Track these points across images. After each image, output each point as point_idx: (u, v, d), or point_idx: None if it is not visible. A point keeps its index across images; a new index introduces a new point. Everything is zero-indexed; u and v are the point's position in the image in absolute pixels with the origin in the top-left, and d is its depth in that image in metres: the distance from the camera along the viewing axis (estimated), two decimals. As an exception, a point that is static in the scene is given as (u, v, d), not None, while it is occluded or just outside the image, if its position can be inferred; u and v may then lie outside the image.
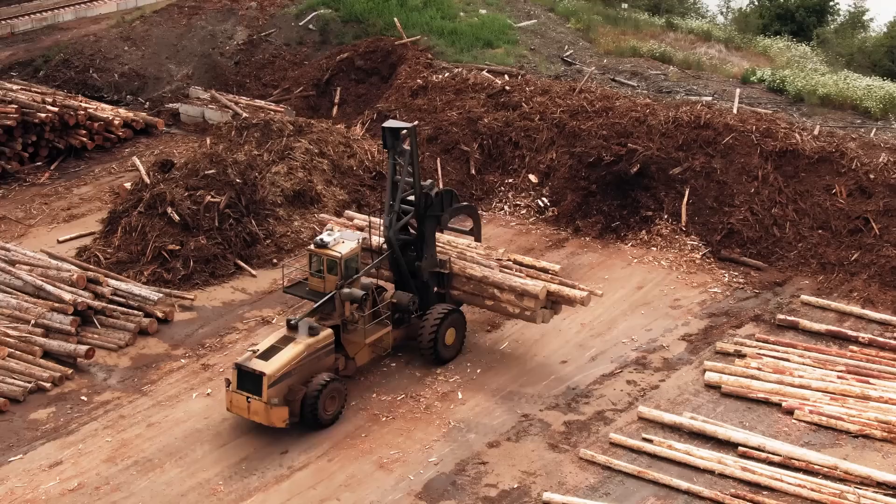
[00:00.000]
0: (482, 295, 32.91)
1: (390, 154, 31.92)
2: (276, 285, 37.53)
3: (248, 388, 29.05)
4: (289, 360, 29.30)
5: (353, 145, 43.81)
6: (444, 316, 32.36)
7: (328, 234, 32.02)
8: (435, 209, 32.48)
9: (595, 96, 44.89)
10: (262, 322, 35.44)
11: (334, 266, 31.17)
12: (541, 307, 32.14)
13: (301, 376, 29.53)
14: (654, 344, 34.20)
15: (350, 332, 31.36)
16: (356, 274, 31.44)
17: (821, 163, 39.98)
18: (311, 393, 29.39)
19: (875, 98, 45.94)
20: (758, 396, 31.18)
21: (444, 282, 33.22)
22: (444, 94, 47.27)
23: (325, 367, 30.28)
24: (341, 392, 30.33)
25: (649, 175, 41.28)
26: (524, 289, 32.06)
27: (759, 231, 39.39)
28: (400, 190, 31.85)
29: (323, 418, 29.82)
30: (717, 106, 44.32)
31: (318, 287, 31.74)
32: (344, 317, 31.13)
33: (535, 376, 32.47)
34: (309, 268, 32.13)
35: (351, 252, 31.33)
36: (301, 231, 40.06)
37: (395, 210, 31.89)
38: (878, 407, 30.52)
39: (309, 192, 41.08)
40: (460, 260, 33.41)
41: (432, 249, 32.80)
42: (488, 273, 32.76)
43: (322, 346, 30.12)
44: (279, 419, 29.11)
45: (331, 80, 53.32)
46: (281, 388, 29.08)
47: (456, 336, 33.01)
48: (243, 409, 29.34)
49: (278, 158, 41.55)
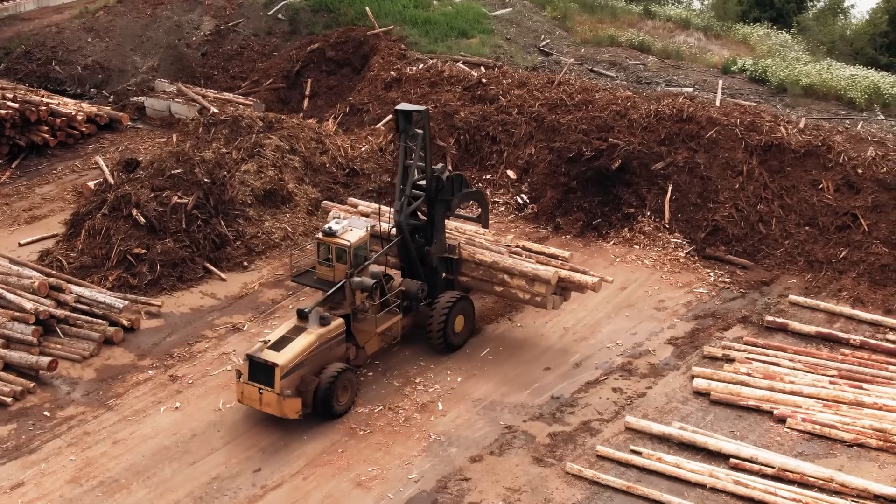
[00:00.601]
0: (492, 281, 32.60)
1: (402, 138, 31.54)
2: (247, 289, 36.22)
3: (260, 380, 28.54)
4: (301, 351, 28.85)
5: (326, 141, 42.42)
6: (452, 303, 31.95)
7: (336, 222, 31.46)
8: (445, 193, 32.10)
9: (574, 89, 43.63)
10: (233, 329, 34.07)
11: (343, 255, 30.70)
12: (551, 293, 31.81)
13: (313, 367, 29.16)
14: (639, 348, 33.07)
15: (360, 321, 30.90)
16: (365, 262, 31.02)
17: (807, 157, 38.90)
18: (324, 383, 28.99)
19: (859, 88, 44.96)
20: (748, 404, 30.11)
21: (453, 267, 32.87)
22: (419, 86, 45.90)
23: (336, 356, 29.89)
24: (353, 382, 30.02)
25: (631, 171, 40.10)
26: (535, 274, 31.73)
27: (744, 228, 38.32)
28: (412, 174, 31.46)
29: (336, 409, 29.44)
30: (699, 98, 43.19)
31: (327, 276, 31.28)
32: (354, 306, 30.67)
33: (517, 384, 31.27)
34: (317, 256, 31.64)
35: (360, 240, 30.92)
36: (272, 232, 38.70)
37: (406, 194, 31.44)
38: (873, 414, 29.52)
39: (280, 191, 39.69)
40: (469, 245, 33.10)
41: (442, 234, 32.55)
42: (498, 258, 32.50)
43: (333, 335, 29.77)
44: (292, 410, 28.66)
45: (301, 71, 51.88)
46: (293, 378, 28.66)
47: (465, 323, 32.62)
48: (255, 400, 28.81)
49: (248, 156, 40.11)
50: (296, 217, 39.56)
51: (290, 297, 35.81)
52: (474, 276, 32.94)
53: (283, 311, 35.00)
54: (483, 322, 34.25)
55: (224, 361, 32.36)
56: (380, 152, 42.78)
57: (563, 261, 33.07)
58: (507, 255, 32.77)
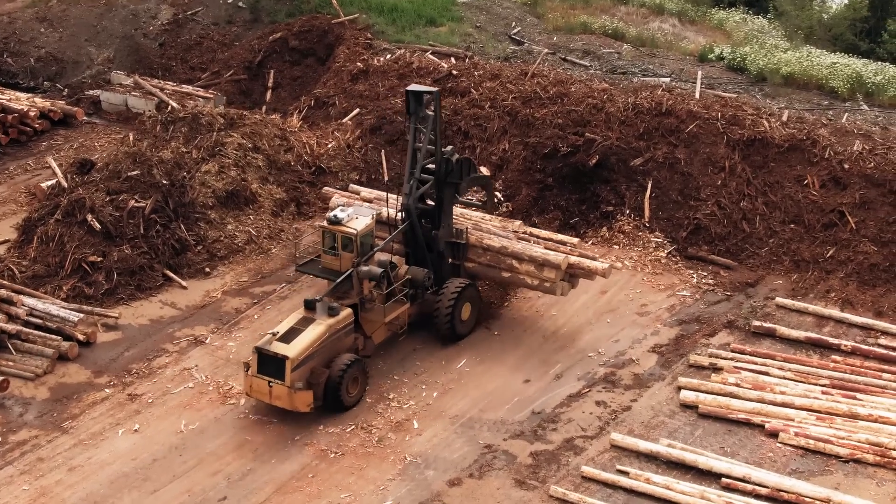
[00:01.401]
0: (499, 266, 32.15)
1: (411, 119, 31.24)
2: (210, 298, 34.46)
3: (270, 373, 27.91)
4: (311, 342, 28.25)
5: (290, 138, 40.55)
6: (460, 291, 31.35)
7: (341, 209, 30.81)
8: (454, 176, 31.56)
9: (548, 81, 41.95)
10: (195, 342, 32.28)
11: (349, 243, 30.16)
12: (560, 279, 31.42)
13: (323, 358, 28.59)
14: (622, 357, 31.61)
15: (368, 310, 30.33)
16: (371, 251, 30.55)
17: (791, 152, 37.50)
18: (334, 375, 28.42)
19: (841, 77, 43.72)
20: (738, 417, 28.76)
21: (460, 253, 32.34)
22: (387, 78, 44.11)
23: (345, 347, 29.34)
24: (364, 373, 29.51)
25: (609, 167, 38.60)
26: (545, 259, 31.37)
27: (727, 226, 36.93)
28: (421, 157, 31.04)
29: (346, 401, 28.88)
30: (677, 90, 41.67)
31: (333, 265, 30.71)
32: (362, 295, 30.05)
33: (496, 399, 29.74)
34: (322, 245, 31.06)
35: (366, 228, 30.42)
36: (235, 235, 36.91)
37: (415, 177, 30.98)
38: (868, 427, 28.24)
39: (243, 192, 37.84)
40: (476, 231, 32.60)
41: (449, 218, 32.08)
42: (507, 243, 32.07)
43: (342, 326, 29.20)
44: (303, 404, 28.08)
45: (263, 62, 50.04)
46: (303, 371, 28.09)
47: (471, 311, 32.01)
48: (264, 394, 28.17)
49: (208, 155, 38.18)
50: (260, 219, 37.79)
51: (254, 305, 34.11)
52: (481, 262, 32.42)
53: (248, 321, 33.30)
54: (458, 330, 32.75)
55: (185, 378, 30.62)
56: (347, 149, 41.00)
57: (572, 247, 32.71)
58: (515, 241, 32.23)
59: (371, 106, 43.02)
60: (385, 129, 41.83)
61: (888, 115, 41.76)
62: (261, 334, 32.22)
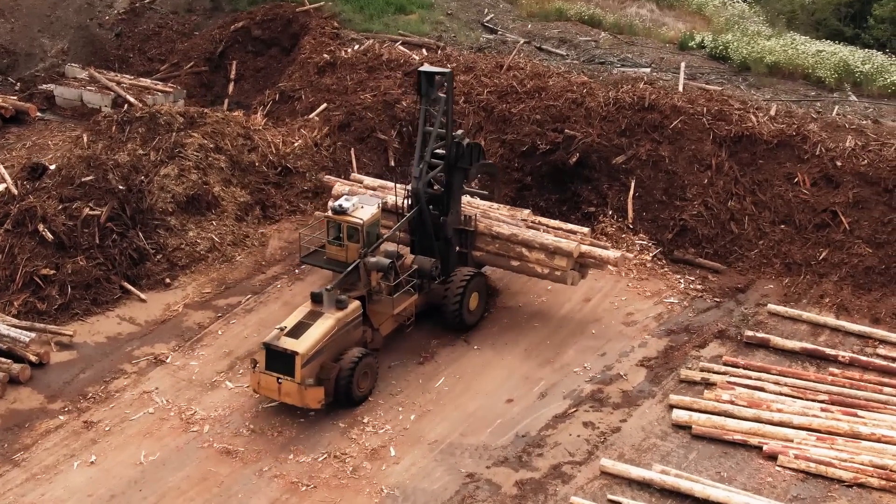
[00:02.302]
0: (508, 255, 31.57)
1: (423, 101, 30.31)
2: (170, 312, 32.45)
3: (279, 369, 27.16)
4: (320, 337, 27.46)
5: (254, 137, 38.42)
6: (468, 280, 30.65)
7: (346, 198, 29.93)
8: (464, 161, 30.74)
9: (525, 74, 40.02)
10: (155, 362, 30.27)
11: (355, 233, 29.38)
12: (571, 268, 30.86)
13: (332, 353, 27.86)
14: (609, 373, 29.91)
15: (376, 302, 29.56)
16: (378, 241, 29.71)
17: (780, 148, 35.82)
18: (344, 370, 27.66)
19: (828, 66, 42.13)
20: (734, 438, 27.13)
21: (468, 241, 31.66)
22: (356, 71, 42.05)
23: (353, 341, 28.57)
24: (373, 367, 28.76)
25: (590, 165, 36.82)
26: (557, 246, 30.77)
27: (714, 227, 35.27)
28: (432, 140, 30.26)
29: (357, 396, 28.15)
30: (660, 82, 39.89)
31: (338, 256, 29.92)
32: (370, 287, 29.25)
33: (478, 421, 27.96)
34: (326, 235, 30.20)
35: (372, 218, 29.65)
36: (197, 243, 34.86)
37: (425, 160, 30.15)
38: (871, 448, 26.67)
39: (205, 196, 35.77)
40: (485, 218, 31.90)
41: (458, 205, 31.37)
42: (517, 231, 31.44)
43: (351, 319, 28.40)
44: (314, 400, 27.32)
45: (225, 52, 48.08)
46: (314, 366, 27.36)
47: (479, 301, 31.30)
48: (273, 390, 27.41)
49: (167, 158, 36.02)
50: (223, 224, 35.77)
51: (218, 319, 32.15)
52: (490, 250, 31.72)
53: (212, 337, 31.34)
54: (436, 344, 30.93)
55: (145, 402, 28.63)
56: (315, 147, 38.94)
57: (583, 236, 31.93)
58: (525, 229, 31.59)
59: (339, 101, 40.98)
60: (354, 125, 39.81)
61: (878, 106, 40.28)
62: (225, 351, 30.54)
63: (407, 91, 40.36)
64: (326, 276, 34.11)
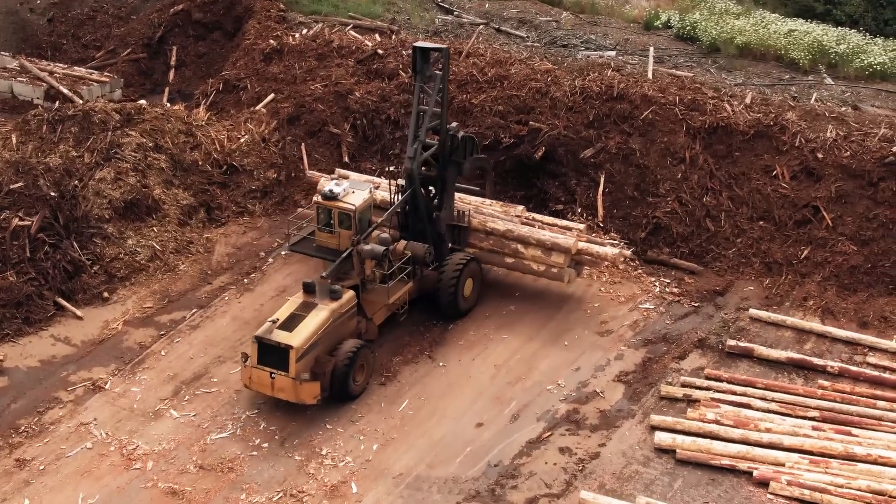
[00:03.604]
0: (503, 251, 30.72)
1: (417, 79, 29.13)
2: (109, 330, 30.02)
3: (272, 363, 26.01)
4: (315, 329, 26.36)
5: (197, 133, 35.84)
6: (462, 266, 29.68)
7: (336, 183, 29.01)
8: (458, 154, 29.80)
9: (486, 61, 37.70)
10: (93, 388, 27.79)
11: (347, 220, 28.41)
12: (567, 265, 30.17)
13: (327, 345, 26.76)
14: (585, 390, 27.87)
15: (369, 291, 28.48)
16: (370, 227, 28.71)
17: (757, 139, 33.89)
18: (340, 363, 26.54)
19: (801, 47, 40.17)
20: (722, 463, 25.21)
21: (461, 237, 30.82)
22: (304, 59, 39.50)
23: (348, 332, 27.51)
24: (370, 359, 27.59)
25: (557, 160, 34.71)
26: (554, 242, 30.03)
27: (689, 225, 33.32)
28: (427, 119, 28.89)
29: (353, 390, 27.06)
30: (627, 68, 37.74)
31: (330, 243, 28.98)
32: (363, 276, 28.06)
33: (446, 450, 25.82)
34: (316, 222, 29.22)
35: (364, 203, 28.76)
36: (137, 251, 32.36)
37: (420, 140, 28.84)
38: (868, 470, 24.88)
39: (144, 200, 33.23)
40: (479, 214, 31.09)
41: (452, 199, 30.47)
42: (512, 227, 30.71)
43: (346, 310, 27.35)
44: (310, 395, 26.20)
45: (164, 37, 45.56)
46: (308, 360, 26.22)
47: (473, 287, 30.41)
48: (266, 385, 26.25)
49: (103, 159, 33.43)
50: (165, 230, 33.27)
51: (161, 338, 29.72)
52: (484, 247, 30.84)
53: (154, 358, 28.92)
54: (399, 361, 28.75)
55: (82, 436, 26.17)
56: (262, 143, 36.42)
57: (579, 233, 31.16)
58: (520, 225, 30.83)
59: (287, 91, 38.48)
60: (304, 118, 37.37)
61: (856, 90, 38.43)
62: (170, 375, 28.20)
63: (360, 81, 37.94)
64: (278, 283, 31.93)
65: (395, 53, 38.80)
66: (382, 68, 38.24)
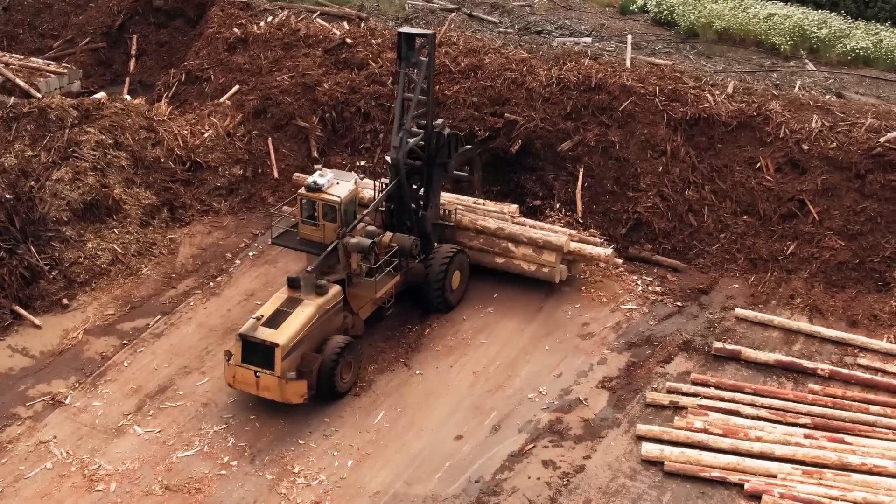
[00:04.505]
0: (493, 250, 30.25)
1: (401, 65, 28.28)
2: (69, 340, 28.65)
3: (256, 362, 25.31)
4: (301, 326, 25.64)
5: (159, 129, 34.36)
6: (450, 258, 29.12)
7: (320, 175, 28.00)
8: (443, 154, 29.21)
9: (459, 50, 36.37)
10: (52, 403, 26.47)
11: (332, 212, 27.51)
12: (559, 263, 29.81)
13: (313, 342, 26.11)
14: (568, 398, 26.78)
15: (355, 285, 27.72)
16: (356, 219, 27.87)
17: (740, 130, 32.79)
18: (327, 361, 25.85)
19: (782, 32, 39.08)
20: (712, 475, 24.22)
21: (447, 236, 30.21)
22: (270, 49, 38.01)
23: (334, 328, 26.82)
24: (357, 356, 26.93)
25: (534, 153, 33.51)
26: (546, 241, 29.60)
27: (671, 220, 32.25)
28: (412, 107, 28.12)
29: (341, 388, 26.39)
30: (605, 56, 36.53)
31: (314, 236, 28.06)
32: (350, 270, 27.35)
33: (424, 465, 24.69)
34: (300, 215, 28.15)
35: (350, 195, 27.80)
36: (97, 255, 30.96)
37: (405, 129, 28.02)
38: (864, 481, 23.94)
39: (104, 201, 31.79)
40: (469, 213, 30.71)
41: (437, 199, 29.88)
42: (503, 225, 30.26)
43: (332, 305, 26.68)
44: (296, 395, 25.49)
45: (124, 25, 44.00)
46: (294, 358, 25.54)
47: (461, 279, 29.83)
48: (250, 384, 25.53)
49: (60, 159, 31.94)
50: (126, 231, 31.88)
51: (124, 348, 28.39)
52: (473, 246, 30.35)
53: (117, 370, 27.60)
54: (374, 370, 27.57)
55: (42, 455, 24.86)
56: (227, 138, 35.01)
57: (570, 236, 30.53)
58: (511, 223, 30.39)
59: (253, 82, 37.02)
60: (271, 111, 35.95)
61: (839, 77, 37.41)
62: (133, 388, 26.86)
63: (328, 71, 36.55)
64: (245, 287, 30.66)
65: (364, 42, 37.37)
66: (351, 58, 36.84)
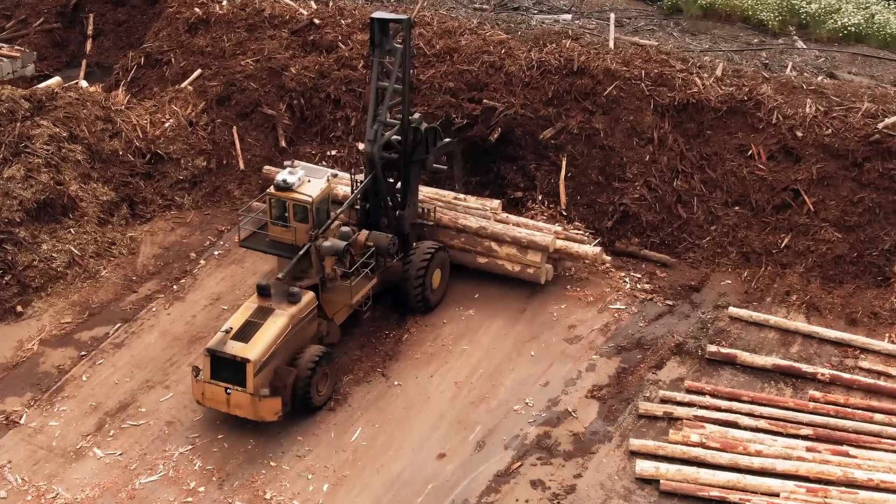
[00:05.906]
0: (474, 250, 28.91)
1: (375, 53, 26.83)
2: (23, 352, 26.94)
3: (227, 378, 23.79)
4: (274, 339, 24.09)
5: (117, 119, 32.46)
6: (430, 257, 27.71)
7: (290, 172, 26.07)
8: (421, 150, 27.77)
9: (433, 32, 34.52)
10: (6, 423, 24.73)
11: (303, 212, 25.67)
12: (545, 263, 28.58)
13: (286, 355, 24.55)
14: (556, 409, 25.29)
15: (329, 290, 26.08)
16: (329, 219, 26.24)
17: (730, 116, 31.28)
18: (302, 375, 24.35)
19: (770, 7, 37.48)
20: (711, 495, 22.87)
21: (427, 236, 28.77)
22: (233, 30, 36.01)
23: (308, 337, 25.33)
24: (333, 366, 25.46)
25: (514, 141, 31.85)
26: (531, 240, 28.31)
27: (659, 212, 30.76)
28: (387, 97, 26.63)
29: (317, 402, 24.90)
30: (587, 37, 34.78)
31: (284, 238, 26.16)
32: (323, 274, 25.73)
33: (405, 488, 23.18)
34: (269, 215, 26.23)
35: (322, 193, 26.02)
36: (53, 257, 29.14)
37: (379, 120, 26.55)
38: (871, 499, 22.70)
39: (59, 199, 29.97)
40: (449, 210, 29.17)
41: (416, 197, 28.32)
42: (486, 223, 28.88)
43: (306, 313, 25.16)
44: (270, 412, 23.95)
45: (80, 4, 41.93)
46: (267, 373, 23.99)
47: (441, 278, 28.40)
48: (220, 402, 24.00)
49: (11, 155, 30.10)
50: (84, 231, 30.09)
51: (82, 360, 26.66)
52: (454, 246, 28.90)
53: (75, 385, 25.87)
54: (349, 381, 25.99)
55: (-5, 482, 23.26)
56: (189, 127, 33.12)
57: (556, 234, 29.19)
58: (494, 222, 29.00)
59: (216, 66, 35.08)
60: (235, 98, 34.05)
61: (830, 54, 35.86)
62: (92, 405, 25.18)
63: (296, 54, 34.63)
64: (211, 290, 28.92)
65: (332, 23, 35.44)
66: (320, 40, 34.92)
